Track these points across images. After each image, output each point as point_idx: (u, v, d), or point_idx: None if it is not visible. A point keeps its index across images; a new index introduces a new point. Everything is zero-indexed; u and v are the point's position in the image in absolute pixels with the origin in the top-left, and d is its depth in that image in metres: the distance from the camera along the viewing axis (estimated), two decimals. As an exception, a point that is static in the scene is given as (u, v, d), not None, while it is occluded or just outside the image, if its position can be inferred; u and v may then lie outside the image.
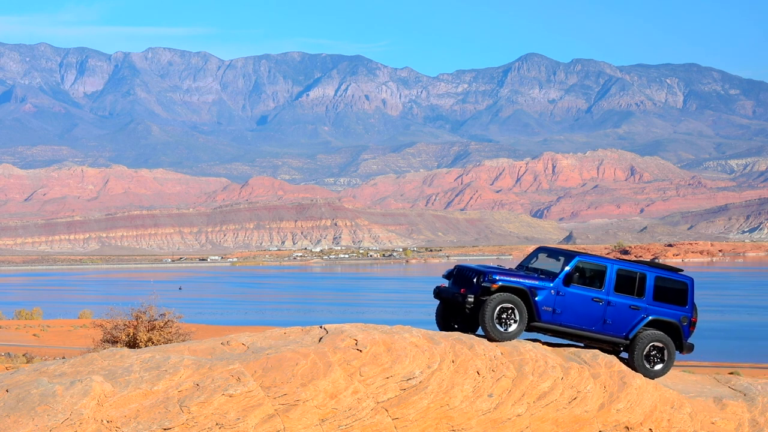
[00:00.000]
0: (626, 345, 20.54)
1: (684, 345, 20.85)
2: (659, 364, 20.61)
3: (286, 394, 17.50)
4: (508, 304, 19.65)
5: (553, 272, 20.18)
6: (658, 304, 20.54)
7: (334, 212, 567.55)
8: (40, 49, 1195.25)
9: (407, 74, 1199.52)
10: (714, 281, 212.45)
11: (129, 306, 30.42)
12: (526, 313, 19.74)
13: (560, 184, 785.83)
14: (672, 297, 20.72)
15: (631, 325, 20.38)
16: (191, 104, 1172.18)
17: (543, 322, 19.94)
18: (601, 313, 20.18)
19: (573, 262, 20.11)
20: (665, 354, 20.61)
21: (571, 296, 19.99)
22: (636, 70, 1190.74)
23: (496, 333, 19.63)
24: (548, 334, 20.47)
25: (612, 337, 20.38)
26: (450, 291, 20.49)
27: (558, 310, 19.94)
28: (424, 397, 18.41)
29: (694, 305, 21.01)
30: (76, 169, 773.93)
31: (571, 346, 21.14)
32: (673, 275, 20.87)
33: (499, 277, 19.70)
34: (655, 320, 20.54)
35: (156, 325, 29.45)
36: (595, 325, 20.21)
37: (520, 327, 19.76)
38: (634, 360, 20.42)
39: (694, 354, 23.13)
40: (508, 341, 19.75)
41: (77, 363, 17.81)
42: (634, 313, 20.37)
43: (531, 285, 19.83)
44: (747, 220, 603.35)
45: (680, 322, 20.72)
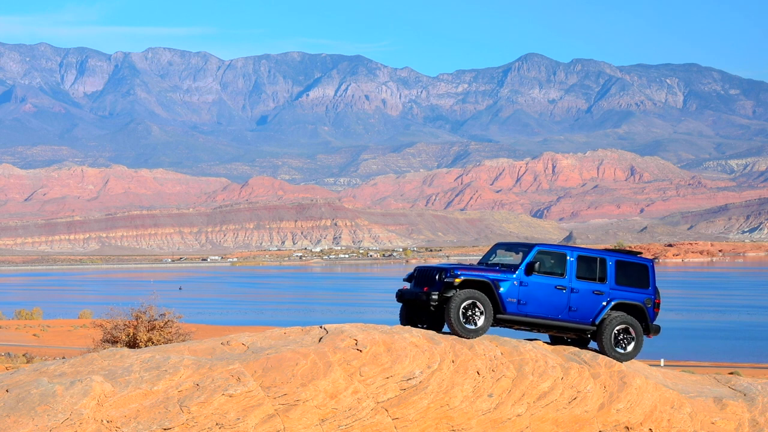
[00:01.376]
0: (593, 331, 20.44)
1: (650, 327, 20.80)
2: (628, 347, 20.51)
3: (286, 394, 17.50)
4: (473, 300, 19.51)
5: (513, 265, 20.12)
6: (620, 288, 20.49)
7: (334, 212, 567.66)
8: (40, 49, 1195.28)
9: (407, 74, 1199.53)
10: (714, 281, 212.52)
11: (129, 306, 30.41)
12: (491, 307, 19.60)
13: (560, 184, 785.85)
14: (634, 280, 20.68)
15: (597, 310, 20.31)
16: (191, 104, 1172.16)
17: (509, 314, 19.81)
18: (565, 300, 20.09)
19: (533, 252, 20.04)
20: (633, 337, 20.54)
21: (535, 286, 19.90)
22: (636, 70, 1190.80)
23: (462, 330, 19.45)
24: (515, 327, 20.32)
25: (579, 324, 20.29)
26: (413, 292, 20.32)
27: (523, 300, 19.83)
28: (424, 397, 18.42)
29: (656, 288, 20.98)
30: (76, 169, 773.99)
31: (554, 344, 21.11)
32: (633, 258, 20.86)
33: (461, 271, 19.59)
34: (620, 304, 20.50)
35: (156, 325, 29.44)
36: (561, 313, 20.12)
37: (486, 322, 19.60)
38: (603, 344, 20.32)
39: (694, 354, 23.16)
40: (477, 337, 19.58)
41: (77, 363, 17.82)
42: (598, 298, 20.31)
43: (494, 277, 19.73)
44: (747, 220, 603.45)
45: (644, 304, 20.68)
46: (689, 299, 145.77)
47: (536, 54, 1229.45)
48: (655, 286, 20.97)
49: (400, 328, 19.77)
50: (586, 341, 21.16)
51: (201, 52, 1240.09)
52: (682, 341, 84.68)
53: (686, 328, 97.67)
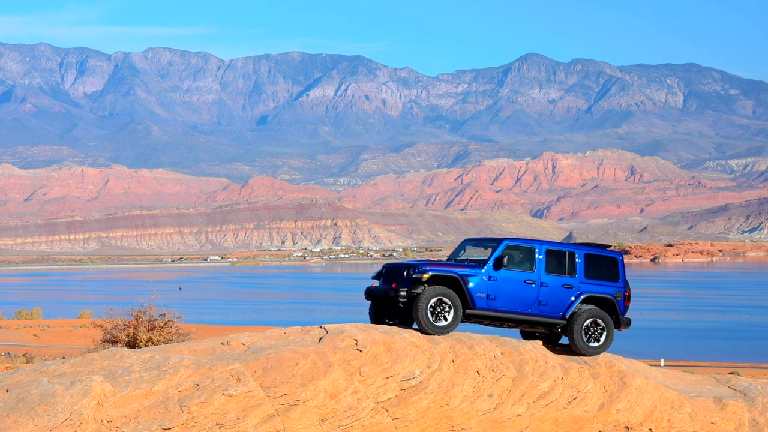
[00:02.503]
0: (564, 325, 20.30)
1: (621, 320, 20.66)
2: (599, 341, 20.37)
3: (286, 394, 17.51)
4: (441, 297, 19.36)
5: (482, 260, 20.00)
6: (590, 281, 20.38)
7: (334, 212, 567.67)
8: (40, 49, 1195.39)
9: (407, 74, 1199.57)
10: (714, 281, 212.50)
11: (129, 306, 30.41)
12: (460, 303, 19.44)
13: (560, 184, 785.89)
14: (604, 273, 20.56)
15: (567, 304, 20.17)
16: (191, 104, 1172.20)
17: (478, 309, 19.67)
18: (535, 294, 19.97)
19: (501, 247, 19.93)
20: (604, 330, 20.40)
21: (504, 280, 19.78)
22: (636, 70, 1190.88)
23: (431, 326, 19.29)
24: (485, 323, 20.22)
25: (549, 318, 20.15)
26: (381, 289, 20.17)
27: (492, 295, 19.70)
28: (424, 397, 18.42)
29: (626, 281, 20.88)
30: (76, 169, 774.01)
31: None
32: (602, 252, 20.73)
33: (429, 267, 19.47)
34: (590, 297, 20.39)
35: (156, 325, 29.43)
36: (531, 308, 20.00)
37: (455, 318, 19.44)
38: (574, 338, 20.18)
39: (694, 354, 23.15)
40: (447, 334, 19.42)
41: (77, 363, 17.82)
42: (568, 291, 20.18)
43: (463, 273, 19.58)
44: (747, 220, 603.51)
45: (615, 297, 20.56)
46: (689, 299, 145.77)
47: (536, 54, 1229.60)
48: (625, 279, 20.85)
49: (400, 328, 19.76)
50: (557, 336, 21.00)
51: (201, 52, 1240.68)
52: (682, 341, 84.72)
53: (686, 328, 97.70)
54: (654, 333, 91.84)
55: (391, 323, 20.39)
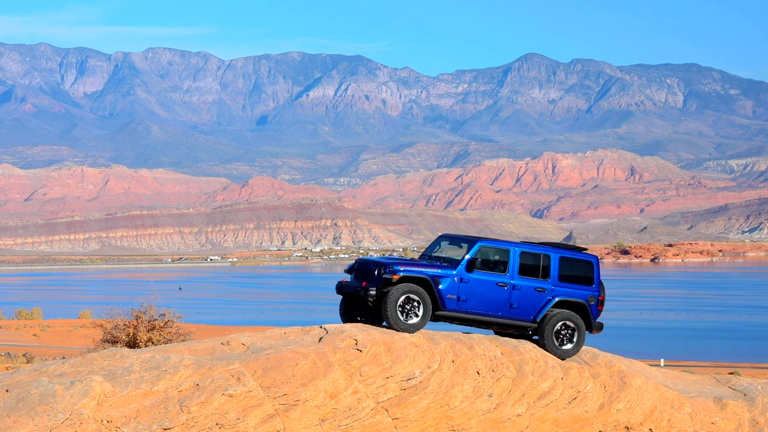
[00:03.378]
0: (535, 328, 20.18)
1: (593, 324, 20.56)
2: (569, 344, 20.21)
3: (286, 394, 17.50)
4: (411, 295, 19.20)
5: (456, 259, 19.80)
6: (564, 285, 20.23)
7: (334, 212, 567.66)
8: (40, 49, 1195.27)
9: (407, 74, 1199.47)
10: (714, 281, 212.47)
11: (129, 306, 30.39)
12: (430, 304, 19.28)
13: (560, 184, 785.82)
14: (578, 277, 20.43)
15: (538, 307, 20.03)
16: (191, 104, 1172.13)
17: (448, 310, 19.50)
18: (506, 297, 19.82)
19: (475, 248, 19.75)
20: (575, 334, 20.26)
21: (476, 282, 19.61)
22: (636, 70, 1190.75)
23: (399, 324, 19.12)
24: (455, 323, 20.08)
25: (519, 321, 20.03)
26: (352, 285, 19.94)
27: (463, 297, 19.54)
28: (424, 397, 18.42)
29: (601, 284, 20.77)
30: (76, 169, 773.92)
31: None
32: (577, 255, 20.58)
33: (400, 267, 19.30)
34: (562, 301, 20.24)
35: (156, 325, 29.41)
36: (502, 310, 19.86)
37: (424, 318, 19.27)
38: (544, 341, 20.02)
39: (694, 354, 23.12)
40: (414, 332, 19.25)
41: (77, 363, 17.82)
42: (541, 295, 20.02)
43: (434, 274, 19.38)
44: (747, 220, 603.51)
45: (587, 301, 20.46)
46: (689, 299, 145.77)
47: (536, 54, 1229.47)
48: (600, 282, 20.74)
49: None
50: (527, 336, 20.85)
51: (201, 52, 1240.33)
52: (682, 341, 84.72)
53: (686, 328, 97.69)
54: (654, 333, 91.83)
55: (362, 320, 20.26)
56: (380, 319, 19.98)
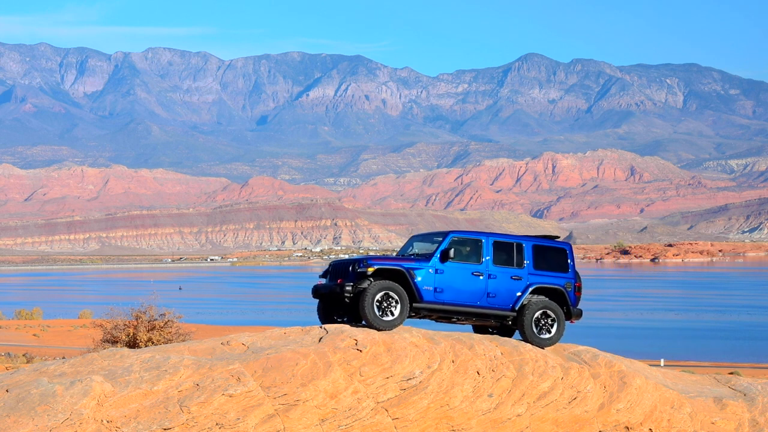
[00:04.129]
0: (514, 318, 20.17)
1: (572, 311, 20.51)
2: (550, 332, 20.21)
3: (286, 394, 17.52)
4: (388, 292, 19.16)
5: (429, 253, 19.83)
6: (539, 272, 20.23)
7: (334, 212, 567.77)
8: (40, 49, 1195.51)
9: (407, 74, 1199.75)
10: (714, 281, 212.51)
11: (129, 306, 30.39)
12: (407, 297, 19.24)
13: (560, 184, 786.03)
14: (553, 264, 20.42)
15: (516, 295, 20.05)
16: (191, 104, 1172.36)
17: (426, 302, 19.46)
18: (483, 286, 19.82)
19: (448, 239, 19.75)
20: (555, 322, 20.25)
21: (451, 272, 19.60)
22: (636, 70, 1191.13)
23: (377, 322, 19.06)
24: (434, 316, 20.02)
25: (499, 310, 20.02)
26: (327, 286, 19.95)
27: (439, 288, 19.50)
28: (424, 397, 18.43)
29: (576, 271, 20.73)
30: (76, 169, 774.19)
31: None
32: (550, 243, 20.62)
33: (373, 261, 19.34)
34: (539, 288, 20.24)
35: (156, 325, 29.41)
36: (480, 300, 19.85)
37: (402, 312, 19.23)
38: (525, 329, 20.02)
39: (694, 354, 23.11)
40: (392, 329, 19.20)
41: (77, 363, 17.83)
42: (517, 283, 20.04)
43: (409, 266, 19.37)
44: (747, 220, 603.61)
45: (564, 288, 20.41)
46: (689, 299, 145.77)
47: (536, 54, 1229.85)
48: (575, 270, 20.72)
49: (400, 327, 19.75)
50: (509, 330, 20.87)
51: (201, 52, 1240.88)
52: (682, 341, 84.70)
53: (686, 328, 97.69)
54: (654, 333, 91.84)
55: (340, 321, 20.25)
56: (357, 318, 19.97)
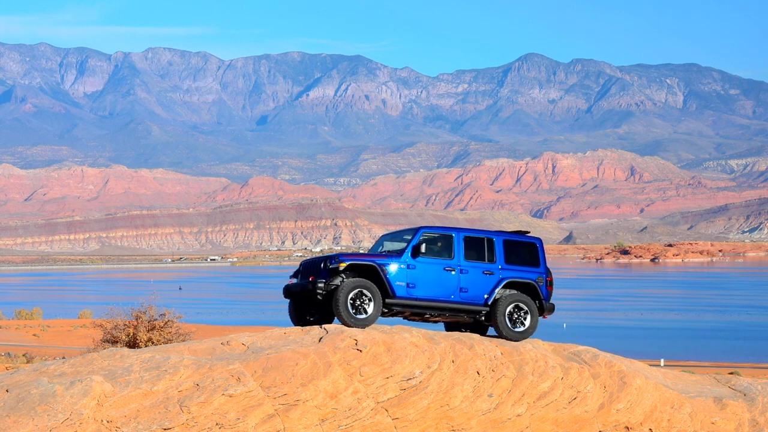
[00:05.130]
0: (487, 312, 20.17)
1: (545, 305, 20.55)
2: (523, 326, 20.22)
3: (286, 394, 17.52)
4: (361, 288, 19.10)
5: (401, 249, 19.84)
6: (511, 267, 20.28)
7: (334, 212, 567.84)
8: (40, 49, 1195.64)
9: (407, 74, 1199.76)
10: (714, 281, 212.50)
11: (129, 306, 30.38)
12: (380, 294, 19.21)
13: (560, 184, 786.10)
14: (524, 259, 20.47)
15: (488, 290, 20.07)
16: (191, 104, 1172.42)
17: (398, 298, 19.42)
18: (455, 281, 19.82)
19: (418, 234, 19.78)
20: (528, 316, 20.28)
21: (423, 268, 19.59)
22: (636, 70, 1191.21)
23: (351, 319, 19.01)
24: (406, 313, 20.01)
25: (472, 305, 20.01)
26: (299, 284, 19.86)
27: (412, 283, 19.49)
28: (424, 397, 18.43)
29: (547, 266, 20.75)
30: (76, 169, 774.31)
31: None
32: (521, 238, 20.67)
33: (345, 257, 19.31)
34: (511, 282, 20.29)
35: (156, 325, 29.40)
36: (453, 294, 19.84)
37: (376, 309, 19.17)
38: (498, 324, 20.04)
39: (694, 354, 23.11)
40: (366, 327, 19.11)
41: (77, 363, 17.83)
42: (489, 278, 20.08)
43: (381, 262, 19.40)
44: (747, 220, 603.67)
45: (536, 282, 20.45)
46: (689, 299, 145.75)
47: (536, 54, 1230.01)
48: (546, 264, 20.74)
49: (400, 328, 19.71)
50: (483, 326, 20.89)
51: (201, 52, 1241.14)
52: (682, 341, 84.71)
53: (686, 328, 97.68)
54: (654, 333, 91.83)
55: (312, 320, 20.22)
56: (329, 316, 19.98)
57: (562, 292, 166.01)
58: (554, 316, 22.75)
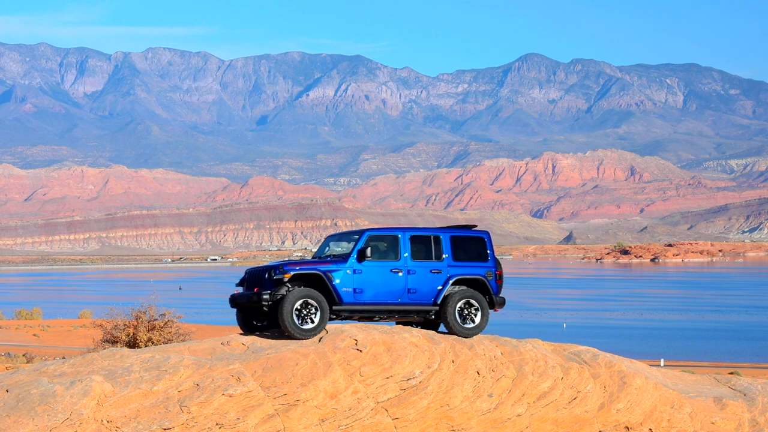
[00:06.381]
0: (437, 311, 19.92)
1: (495, 300, 20.33)
2: (474, 321, 19.97)
3: (286, 394, 17.53)
4: (307, 298, 18.87)
5: (346, 253, 19.53)
6: (459, 263, 20.01)
7: (334, 212, 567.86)
8: (40, 49, 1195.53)
9: (407, 74, 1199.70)
10: (714, 281, 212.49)
11: (129, 306, 30.38)
12: (326, 303, 18.98)
13: (560, 184, 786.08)
14: (472, 254, 20.21)
15: (437, 289, 19.82)
16: (191, 104, 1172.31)
17: (346, 304, 19.19)
18: (403, 283, 19.57)
19: (363, 237, 19.51)
20: (478, 312, 20.03)
21: (369, 272, 19.34)
22: (636, 70, 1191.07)
23: (297, 331, 18.78)
24: (356, 317, 19.76)
25: (420, 305, 19.78)
26: (245, 295, 19.52)
27: (359, 288, 19.25)
28: (424, 397, 18.43)
29: (496, 260, 20.51)
30: (76, 169, 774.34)
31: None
32: (468, 233, 20.43)
33: (290, 267, 19.04)
34: (460, 279, 20.04)
35: (156, 325, 29.38)
36: (401, 297, 19.61)
37: (322, 319, 18.93)
38: (449, 321, 19.79)
39: (694, 354, 23.11)
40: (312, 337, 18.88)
41: (77, 363, 17.83)
42: (437, 276, 19.80)
43: (326, 269, 19.11)
44: (747, 220, 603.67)
45: (485, 277, 20.22)
46: (689, 299, 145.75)
47: (536, 54, 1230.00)
48: (494, 258, 20.49)
49: (400, 328, 19.71)
50: (434, 324, 20.64)
51: (201, 52, 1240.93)
52: (682, 341, 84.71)
53: (686, 328, 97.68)
54: (654, 333, 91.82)
55: (260, 325, 19.99)
56: (275, 323, 19.74)
57: (562, 292, 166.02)
58: (554, 316, 22.73)
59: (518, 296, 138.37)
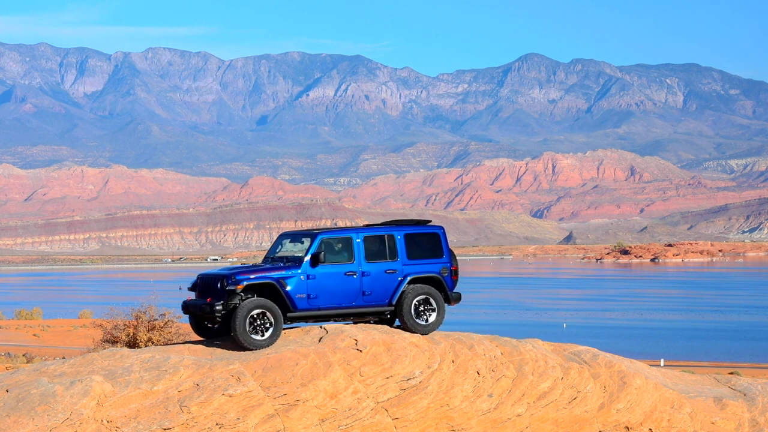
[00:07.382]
0: (392, 311, 19.83)
1: (450, 296, 20.20)
2: (430, 318, 19.83)
3: (286, 394, 17.52)
4: (261, 308, 18.61)
5: (299, 257, 19.25)
6: (414, 261, 19.85)
7: (334, 212, 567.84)
8: (40, 49, 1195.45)
9: (407, 74, 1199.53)
10: (714, 281, 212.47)
11: (129, 306, 30.37)
12: (280, 313, 18.74)
13: (560, 184, 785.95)
14: (427, 251, 20.06)
15: (392, 289, 19.68)
16: (191, 104, 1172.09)
17: (300, 310, 19.02)
18: (357, 286, 19.40)
19: (316, 241, 19.28)
20: (434, 308, 19.88)
21: (323, 277, 19.15)
22: (636, 70, 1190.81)
23: (249, 342, 18.44)
24: (310, 322, 19.63)
25: (376, 307, 19.66)
26: (197, 304, 19.16)
27: (313, 294, 19.04)
28: (424, 397, 18.43)
29: (452, 253, 20.38)
30: (76, 169, 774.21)
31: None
32: (422, 229, 20.25)
33: (242, 276, 18.73)
34: (415, 278, 19.89)
35: (156, 325, 29.35)
36: (356, 300, 19.45)
37: (276, 329, 18.71)
38: (405, 320, 19.67)
39: (694, 354, 23.12)
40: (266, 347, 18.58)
41: (77, 363, 17.83)
42: (392, 277, 19.65)
43: (279, 276, 18.86)
44: (747, 220, 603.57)
45: (441, 274, 20.08)
46: (689, 299, 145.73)
47: (536, 54, 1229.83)
48: (450, 253, 20.34)
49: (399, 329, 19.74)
50: (388, 320, 20.49)
51: (201, 52, 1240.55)
52: (682, 341, 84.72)
53: (686, 328, 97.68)
54: (654, 333, 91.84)
55: (214, 328, 19.74)
56: (228, 328, 19.40)
57: (562, 292, 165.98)
58: (554, 316, 22.73)
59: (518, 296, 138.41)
